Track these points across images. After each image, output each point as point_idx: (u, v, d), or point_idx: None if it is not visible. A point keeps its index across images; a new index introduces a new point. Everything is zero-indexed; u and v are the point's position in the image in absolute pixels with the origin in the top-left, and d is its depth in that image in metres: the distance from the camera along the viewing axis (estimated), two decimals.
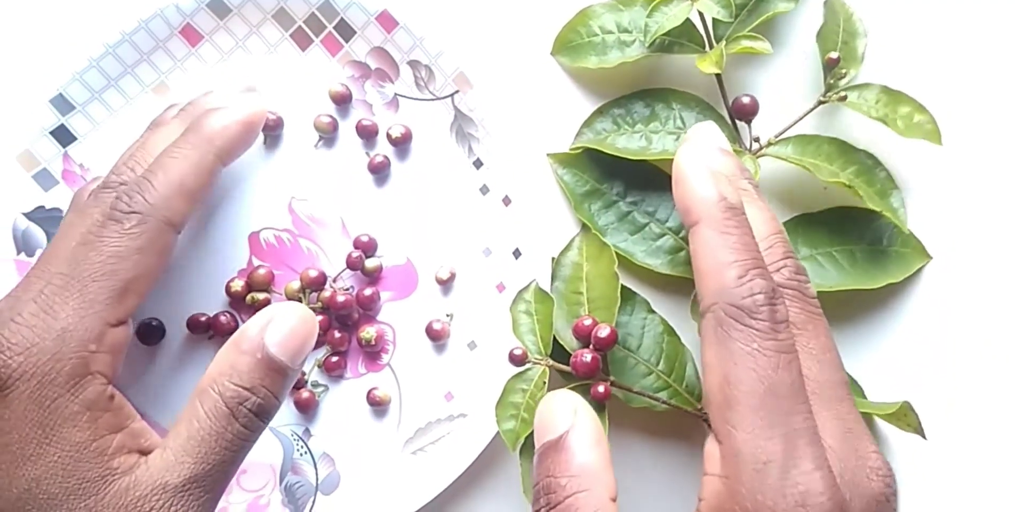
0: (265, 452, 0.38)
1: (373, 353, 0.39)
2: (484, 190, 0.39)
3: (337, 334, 0.38)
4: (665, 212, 0.38)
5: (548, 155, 0.39)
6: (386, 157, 0.39)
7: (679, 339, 0.38)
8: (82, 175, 0.38)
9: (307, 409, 0.38)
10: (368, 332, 0.38)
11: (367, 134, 0.39)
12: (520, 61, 0.40)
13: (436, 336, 0.38)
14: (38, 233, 0.38)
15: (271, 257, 0.39)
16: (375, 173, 0.39)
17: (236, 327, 0.38)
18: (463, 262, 0.39)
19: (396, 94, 0.39)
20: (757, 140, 0.38)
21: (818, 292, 0.36)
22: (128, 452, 0.29)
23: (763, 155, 0.38)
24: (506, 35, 0.40)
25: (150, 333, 0.38)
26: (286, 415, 0.38)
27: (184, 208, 0.31)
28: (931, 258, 0.39)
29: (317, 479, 0.38)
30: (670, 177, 0.38)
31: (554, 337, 0.36)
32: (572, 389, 0.35)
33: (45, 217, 0.38)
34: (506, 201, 0.38)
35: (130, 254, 0.30)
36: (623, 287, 0.36)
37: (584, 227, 0.39)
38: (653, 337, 0.38)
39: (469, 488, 0.38)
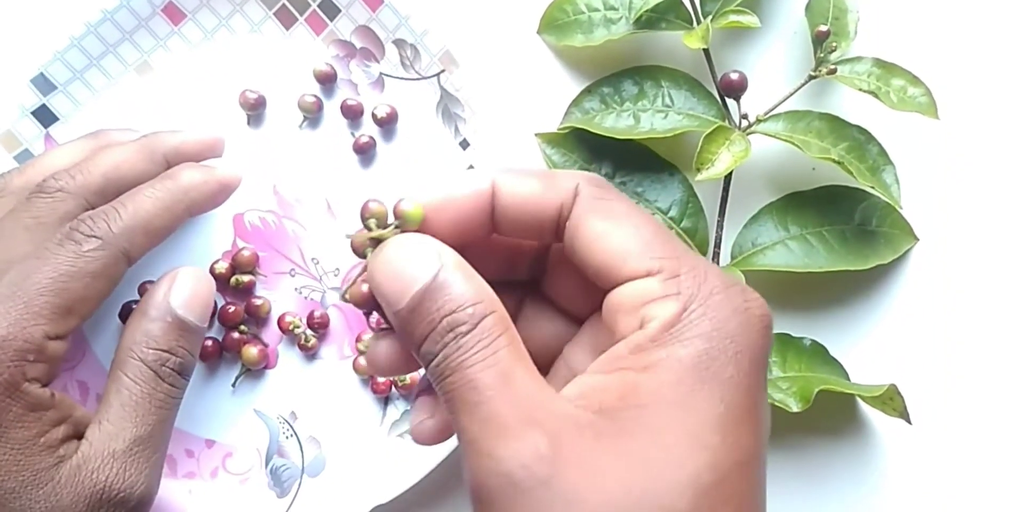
0: (251, 435, 0.38)
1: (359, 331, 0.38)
2: (470, 170, 0.38)
3: (318, 313, 0.38)
4: (654, 192, 0.38)
5: (536, 135, 0.38)
6: (371, 137, 0.38)
7: None
8: None
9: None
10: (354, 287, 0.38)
11: (352, 114, 0.38)
12: (506, 40, 0.39)
13: None
14: None
15: (256, 238, 0.38)
16: (360, 154, 0.39)
17: (217, 308, 0.38)
18: None
19: (381, 73, 0.38)
20: (746, 117, 0.37)
21: (806, 273, 0.37)
22: (72, 438, 0.30)
23: (752, 132, 0.37)
24: (492, 14, 0.39)
25: None
26: (272, 398, 0.38)
27: (143, 245, 0.32)
28: (918, 240, 0.39)
29: (303, 462, 0.38)
30: (658, 156, 0.38)
31: None
32: None
33: None
34: None
35: (82, 276, 0.30)
36: None
37: None
38: None
39: (456, 470, 0.38)
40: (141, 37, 0.38)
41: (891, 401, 0.35)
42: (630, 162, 0.38)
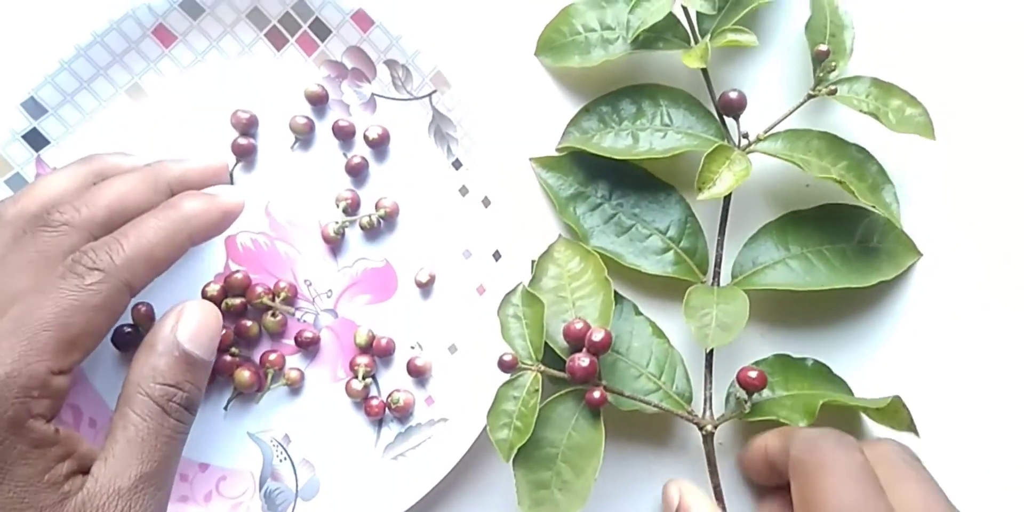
0: (245, 458, 0.38)
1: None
2: (463, 191, 0.38)
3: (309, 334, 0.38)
4: (651, 213, 0.38)
5: (531, 159, 0.38)
6: (363, 158, 0.38)
7: (668, 341, 0.37)
8: None
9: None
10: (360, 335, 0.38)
11: (344, 135, 0.38)
12: (498, 60, 0.39)
13: (418, 372, 0.38)
14: None
15: (248, 261, 0.38)
16: (353, 175, 0.38)
17: None
18: (443, 265, 0.38)
19: (373, 94, 0.38)
20: (746, 136, 0.37)
21: (808, 291, 0.37)
22: (77, 474, 0.30)
23: (752, 151, 0.37)
24: (484, 33, 0.39)
25: (125, 339, 0.37)
26: (265, 421, 0.38)
27: (146, 276, 0.32)
28: (921, 255, 0.39)
29: (297, 485, 0.38)
30: (655, 177, 0.38)
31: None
32: (565, 395, 0.35)
33: None
34: (486, 202, 0.38)
35: (86, 310, 0.30)
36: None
37: (562, 234, 0.38)
38: (642, 340, 0.37)
39: (450, 493, 0.38)
40: (131, 59, 0.38)
41: (897, 414, 0.35)
42: (626, 183, 0.38)
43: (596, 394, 0.34)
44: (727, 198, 0.38)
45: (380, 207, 0.38)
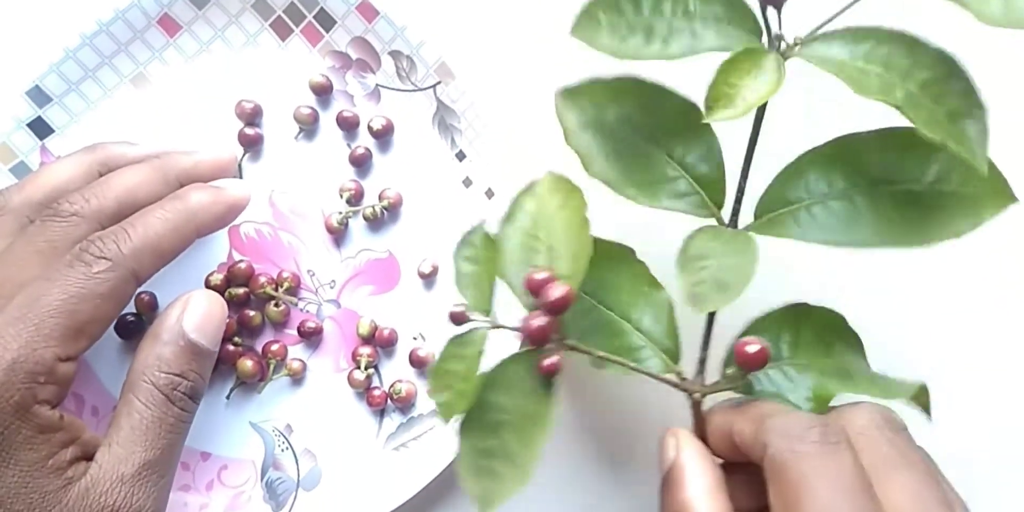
0: (247, 448, 0.38)
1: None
2: (467, 183, 0.38)
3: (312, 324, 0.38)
4: (667, 136, 0.31)
5: (557, 92, 0.32)
6: (367, 149, 0.38)
7: (666, 292, 0.32)
8: None
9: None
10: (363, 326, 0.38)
11: (348, 126, 0.38)
12: (504, 51, 0.39)
13: (420, 362, 0.38)
14: None
15: (251, 251, 0.38)
16: (356, 165, 0.38)
17: None
18: (446, 256, 0.38)
19: (377, 85, 0.38)
20: (780, 38, 0.28)
21: (848, 249, 0.29)
22: (80, 460, 0.30)
23: (793, 56, 0.28)
24: (489, 24, 0.39)
25: (127, 328, 0.37)
26: (267, 410, 0.38)
27: (153, 266, 0.32)
28: (1015, 200, 0.28)
29: (299, 475, 0.38)
30: (677, 94, 0.31)
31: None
32: (522, 355, 0.30)
33: None
34: (489, 194, 0.38)
35: (92, 298, 0.30)
36: (599, 239, 0.30)
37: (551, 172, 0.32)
38: (634, 288, 0.32)
39: (451, 484, 0.38)
40: (137, 49, 0.38)
41: (916, 399, 0.29)
42: (648, 103, 0.31)
43: (547, 361, 0.29)
44: (760, 113, 0.30)
45: (384, 198, 0.38)
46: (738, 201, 0.31)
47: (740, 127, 0.29)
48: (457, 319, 0.30)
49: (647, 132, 0.31)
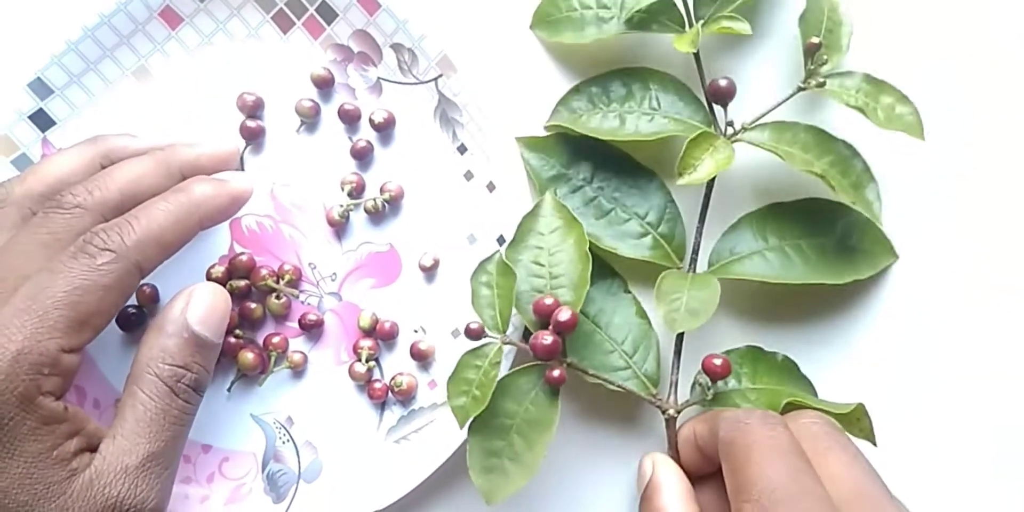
0: (248, 440, 0.38)
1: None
2: (468, 176, 0.38)
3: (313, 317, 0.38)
4: (631, 198, 0.38)
5: (516, 139, 0.38)
6: (369, 142, 0.38)
7: (650, 323, 0.37)
8: None
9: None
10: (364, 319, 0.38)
11: (349, 119, 0.38)
12: (505, 45, 0.39)
13: (421, 355, 0.38)
14: None
15: (253, 243, 0.38)
16: (358, 158, 0.38)
17: None
18: (447, 249, 0.38)
19: (379, 78, 0.38)
20: (731, 124, 0.36)
21: (783, 285, 0.36)
22: (84, 451, 0.30)
23: (737, 140, 0.36)
24: (490, 18, 0.39)
25: (129, 320, 0.37)
26: (268, 402, 0.38)
27: (156, 258, 0.32)
28: (898, 257, 0.39)
29: (300, 467, 0.38)
30: (638, 162, 0.38)
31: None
32: (528, 368, 0.35)
33: None
34: (490, 187, 0.38)
35: (96, 289, 0.30)
36: (601, 263, 0.35)
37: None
38: (624, 317, 0.37)
39: (451, 477, 0.38)
40: (138, 41, 0.38)
41: (858, 422, 0.34)
42: (609, 167, 0.38)
43: (556, 373, 0.34)
44: (709, 185, 0.37)
45: (385, 191, 0.38)
46: (695, 252, 0.37)
47: (687, 193, 0.38)
48: (474, 335, 0.34)
49: (615, 191, 0.38)
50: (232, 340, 0.38)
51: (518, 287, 0.35)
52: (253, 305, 0.38)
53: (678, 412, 0.36)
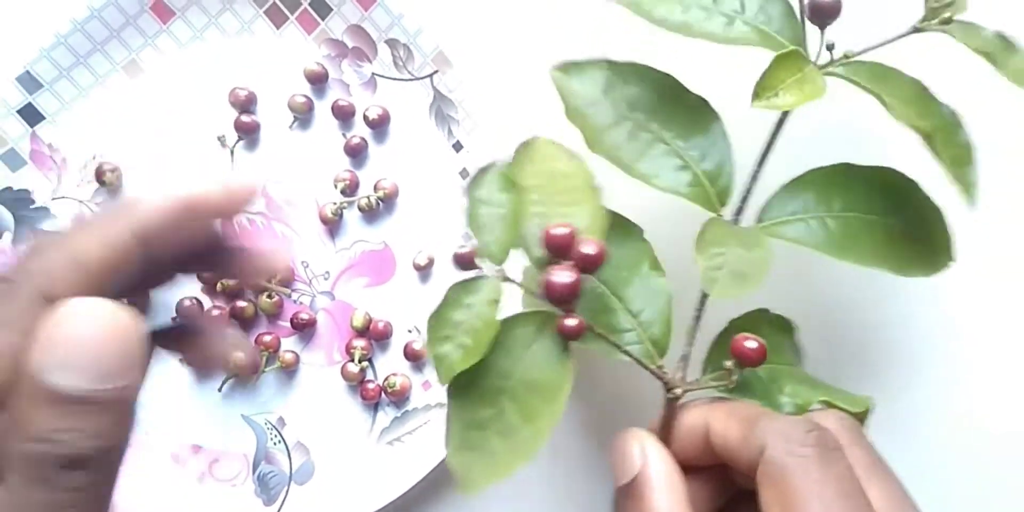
0: (239, 441, 0.37)
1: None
2: (464, 174, 0.38)
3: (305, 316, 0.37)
4: (675, 127, 0.31)
5: (553, 68, 0.31)
6: (363, 139, 0.38)
7: (664, 278, 0.31)
8: (51, 156, 0.37)
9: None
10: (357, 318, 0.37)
11: (343, 115, 0.38)
12: (502, 40, 0.38)
13: (415, 356, 0.37)
14: (5, 215, 0.37)
15: (244, 241, 0.38)
16: (351, 155, 0.38)
17: (199, 312, 0.37)
18: (442, 248, 0.38)
19: (374, 74, 0.38)
20: (831, 49, 0.30)
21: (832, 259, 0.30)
22: None
23: (830, 73, 0.30)
24: (487, 13, 0.38)
25: None
26: (259, 403, 0.38)
27: (72, 279, 0.22)
28: (954, 260, 0.32)
29: (291, 469, 0.37)
30: (684, 88, 0.31)
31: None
32: (528, 315, 0.27)
33: (13, 199, 0.37)
34: None
35: None
36: (609, 211, 0.29)
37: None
38: (634, 269, 0.30)
39: (445, 479, 0.38)
40: (129, 35, 0.37)
41: (862, 417, 0.30)
42: (654, 93, 0.31)
43: (572, 322, 0.27)
44: (779, 123, 0.31)
45: (379, 188, 0.37)
46: (743, 200, 0.31)
47: (742, 133, 0.31)
48: (464, 261, 0.27)
49: (656, 118, 0.31)
50: None
51: (525, 215, 0.28)
52: (244, 304, 0.37)
53: (684, 392, 0.30)
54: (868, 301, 0.38)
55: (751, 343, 0.28)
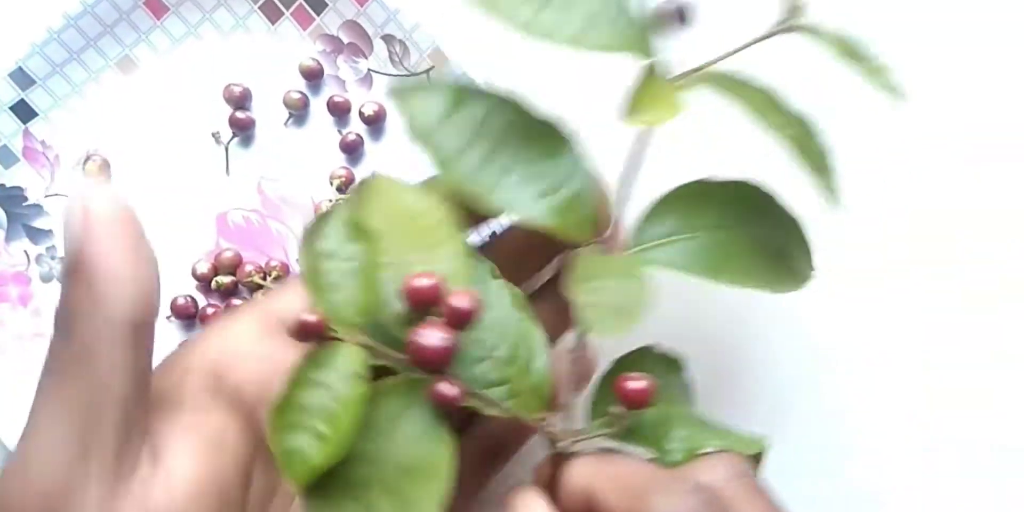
0: None
1: None
2: None
3: None
4: (532, 152, 0.27)
5: (392, 88, 0.28)
6: (359, 135, 0.37)
7: (531, 317, 0.26)
8: (44, 152, 0.37)
9: None
10: None
11: (339, 111, 0.37)
12: (499, 36, 0.38)
13: None
14: None
15: (239, 239, 0.37)
16: (348, 152, 0.38)
17: (194, 311, 0.37)
18: None
19: (370, 70, 0.37)
20: (685, 59, 0.27)
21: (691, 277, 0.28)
22: None
23: (683, 87, 0.27)
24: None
25: None
26: None
27: None
28: (814, 273, 0.30)
29: None
30: (534, 115, 0.27)
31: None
32: (401, 384, 0.23)
33: (6, 196, 0.37)
34: None
35: None
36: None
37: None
38: (498, 311, 0.26)
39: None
40: (122, 31, 0.37)
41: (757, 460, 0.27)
42: (505, 114, 0.27)
43: (451, 389, 0.23)
44: (642, 140, 0.27)
45: None
46: (614, 226, 0.27)
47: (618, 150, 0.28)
48: (305, 332, 0.21)
49: (505, 144, 0.27)
50: None
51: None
52: (239, 302, 0.37)
53: (572, 443, 0.26)
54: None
55: (636, 383, 0.25)
